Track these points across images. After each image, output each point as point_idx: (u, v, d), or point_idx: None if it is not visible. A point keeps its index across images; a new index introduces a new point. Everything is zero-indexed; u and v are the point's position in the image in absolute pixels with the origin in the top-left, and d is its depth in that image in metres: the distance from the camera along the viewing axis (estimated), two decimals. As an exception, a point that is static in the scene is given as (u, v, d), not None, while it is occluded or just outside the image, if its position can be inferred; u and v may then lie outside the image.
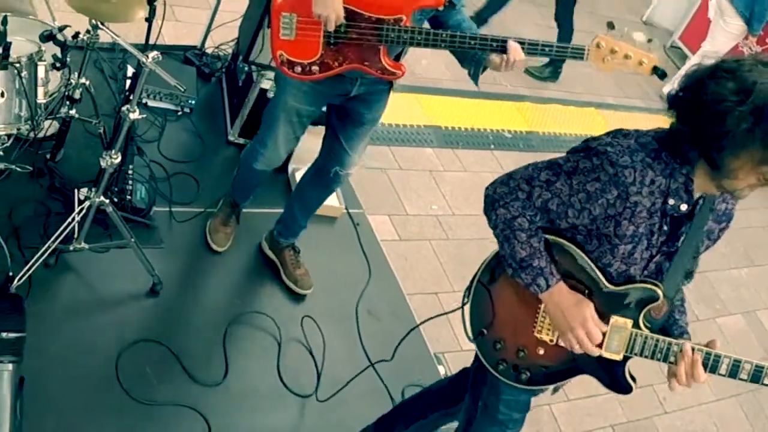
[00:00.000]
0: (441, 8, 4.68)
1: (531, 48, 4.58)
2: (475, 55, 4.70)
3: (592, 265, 3.60)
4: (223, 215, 6.12)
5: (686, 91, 3.25)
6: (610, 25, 4.51)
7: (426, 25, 4.86)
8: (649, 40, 4.35)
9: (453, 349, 6.04)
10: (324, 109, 5.41)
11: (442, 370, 5.93)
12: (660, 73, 4.52)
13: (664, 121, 3.46)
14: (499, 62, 4.59)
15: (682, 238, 3.53)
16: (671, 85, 10.04)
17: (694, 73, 3.23)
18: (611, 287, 3.59)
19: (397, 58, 4.96)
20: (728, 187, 3.27)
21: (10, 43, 4.70)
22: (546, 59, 9.63)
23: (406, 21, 4.63)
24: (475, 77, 4.81)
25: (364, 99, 5.15)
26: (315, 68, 4.85)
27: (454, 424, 4.58)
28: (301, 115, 5.24)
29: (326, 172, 5.53)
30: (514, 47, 4.51)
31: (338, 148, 5.39)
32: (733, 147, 3.07)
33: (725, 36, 10.23)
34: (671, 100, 3.33)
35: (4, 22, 4.74)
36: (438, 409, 4.69)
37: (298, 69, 4.87)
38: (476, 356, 4.10)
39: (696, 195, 3.42)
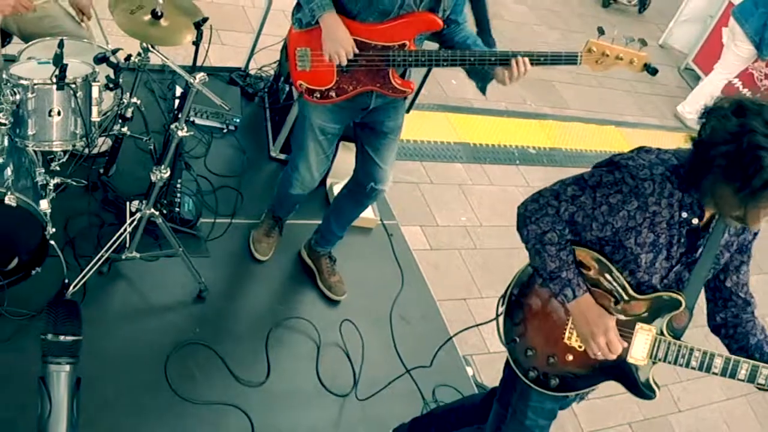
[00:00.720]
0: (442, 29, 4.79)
1: (540, 60, 4.60)
2: (481, 69, 4.74)
3: (619, 275, 3.64)
4: (266, 227, 6.14)
5: (707, 113, 3.30)
6: (600, 31, 4.48)
7: (435, 45, 4.99)
8: (640, 40, 4.35)
9: (481, 352, 6.03)
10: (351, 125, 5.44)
11: (470, 371, 5.91)
12: (651, 70, 4.53)
13: (678, 138, 3.51)
14: (502, 76, 4.63)
15: (700, 250, 3.56)
16: (684, 105, 10.15)
17: (725, 99, 3.30)
18: (637, 296, 3.63)
19: (403, 75, 5.01)
20: (722, 213, 3.41)
21: (67, 64, 4.69)
22: None
23: (410, 46, 4.77)
24: (482, 89, 4.91)
25: (382, 109, 5.20)
26: (332, 93, 4.98)
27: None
28: (326, 133, 5.28)
29: (362, 188, 5.54)
30: (520, 62, 4.54)
31: (370, 163, 5.41)
32: (709, 175, 3.22)
33: (736, 59, 10.21)
34: (707, 110, 3.34)
35: (61, 45, 4.73)
36: (471, 423, 4.67)
37: (317, 95, 5.02)
38: (506, 365, 4.12)
39: (709, 212, 3.48)
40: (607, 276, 3.67)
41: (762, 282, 8.35)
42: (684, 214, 3.44)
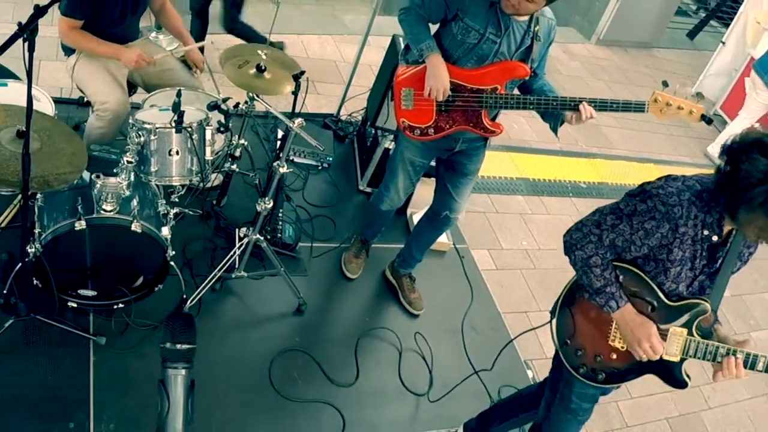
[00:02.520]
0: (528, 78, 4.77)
1: (601, 106, 4.55)
2: (554, 112, 4.68)
3: (654, 286, 3.65)
4: (356, 249, 6.16)
5: (735, 150, 3.30)
6: (665, 84, 4.48)
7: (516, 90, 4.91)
8: (698, 94, 4.34)
9: (539, 357, 5.99)
10: (433, 163, 5.44)
11: (530, 373, 5.87)
12: (707, 120, 4.47)
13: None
14: (570, 118, 4.60)
15: (720, 261, 3.59)
16: (713, 146, 10.08)
17: (745, 137, 3.30)
18: (670, 303, 3.65)
19: (493, 118, 4.94)
20: (741, 231, 3.41)
21: (184, 111, 4.75)
22: None
23: (500, 90, 4.70)
24: (554, 130, 4.81)
25: (465, 153, 5.15)
26: (431, 131, 4.94)
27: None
28: (414, 165, 5.28)
29: (438, 216, 5.51)
30: (585, 106, 4.51)
31: (447, 196, 5.37)
32: (748, 210, 3.21)
33: (757, 106, 10.11)
34: (725, 149, 3.37)
35: (179, 94, 4.84)
36: (528, 410, 4.69)
37: (417, 132, 4.97)
38: (555, 357, 4.16)
39: (726, 229, 3.49)
40: (645, 286, 3.69)
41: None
42: (706, 232, 3.46)
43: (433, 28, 4.80)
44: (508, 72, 4.68)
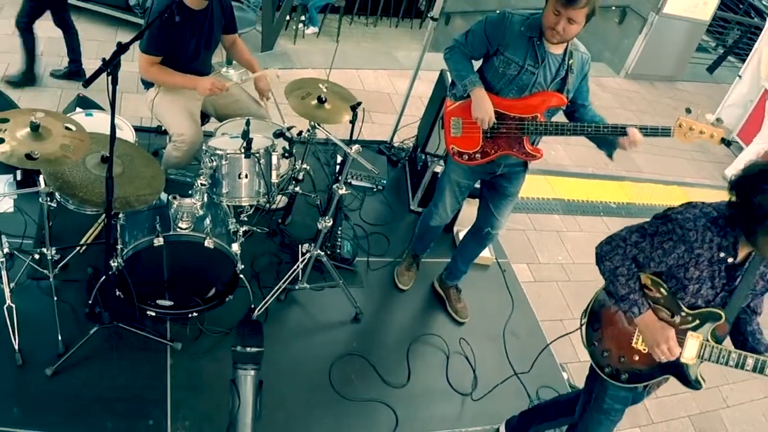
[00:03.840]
0: (565, 107, 4.80)
1: (643, 131, 4.53)
2: (608, 140, 4.68)
3: (673, 297, 3.72)
4: (407, 263, 6.13)
5: (743, 184, 3.43)
6: (688, 110, 4.49)
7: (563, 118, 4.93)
8: (718, 119, 4.30)
9: (573, 361, 5.95)
10: (477, 185, 5.40)
11: (565, 375, 5.84)
12: (726, 143, 4.53)
13: (724, 195, 3.48)
14: (623, 143, 4.58)
15: (738, 279, 3.61)
16: (730, 169, 9.97)
17: (749, 170, 3.45)
18: (688, 311, 3.72)
19: (533, 143, 4.93)
20: (760, 252, 3.47)
21: (252, 138, 4.81)
22: None
23: (540, 118, 4.72)
24: (610, 155, 4.78)
25: (506, 176, 5.13)
26: (478, 156, 4.96)
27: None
28: (461, 186, 5.29)
29: (481, 232, 5.49)
30: (633, 131, 4.52)
31: (489, 214, 5.35)
32: (764, 234, 3.30)
33: (772, 132, 10.05)
34: (732, 184, 3.48)
35: (247, 123, 4.88)
36: (565, 415, 4.68)
37: (466, 157, 4.99)
38: (591, 365, 4.15)
39: (741, 251, 3.53)
40: (665, 295, 3.75)
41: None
42: (722, 254, 3.50)
43: (476, 64, 4.82)
44: (546, 101, 4.69)
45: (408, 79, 7.58)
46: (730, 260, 3.52)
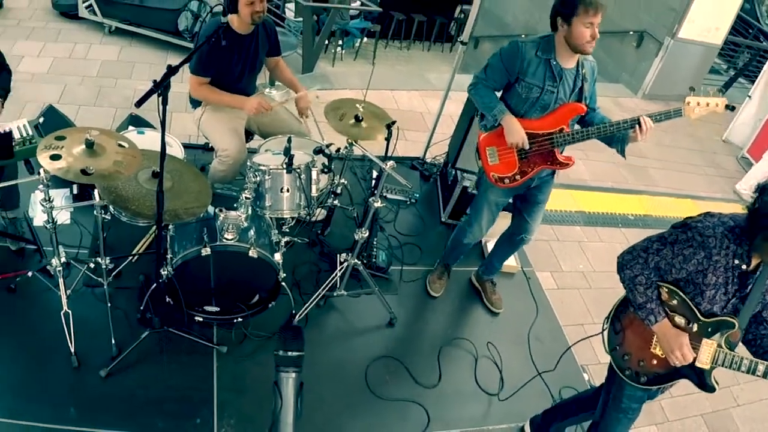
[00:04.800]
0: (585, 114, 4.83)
1: (657, 118, 4.50)
2: (619, 136, 4.65)
3: (690, 304, 3.70)
4: (439, 272, 6.09)
5: (757, 191, 3.44)
6: (691, 89, 4.49)
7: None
8: (719, 89, 4.24)
9: (593, 362, 5.91)
10: (510, 200, 5.41)
11: (585, 376, 5.81)
12: (731, 108, 4.52)
13: (735, 207, 3.50)
14: (635, 135, 4.53)
15: (750, 287, 3.61)
16: (741, 184, 9.87)
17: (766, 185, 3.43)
18: (703, 319, 3.70)
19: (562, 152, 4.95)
20: (763, 258, 3.49)
21: (293, 155, 4.81)
22: None
23: (566, 129, 4.74)
24: (622, 152, 4.74)
25: (538, 186, 5.14)
26: (518, 177, 5.00)
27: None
28: (498, 205, 5.33)
29: (515, 237, 5.49)
30: (644, 119, 4.49)
31: (524, 222, 5.35)
32: (764, 239, 3.35)
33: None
34: (759, 188, 3.46)
35: (289, 141, 4.88)
36: (586, 411, 4.68)
37: (507, 181, 5.03)
38: (610, 366, 4.18)
39: (754, 259, 3.54)
40: (682, 304, 3.73)
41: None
42: (736, 261, 3.50)
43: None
44: (569, 113, 4.71)
45: (439, 99, 7.57)
46: (743, 267, 3.51)
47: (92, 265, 5.02)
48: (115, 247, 5.32)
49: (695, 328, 3.71)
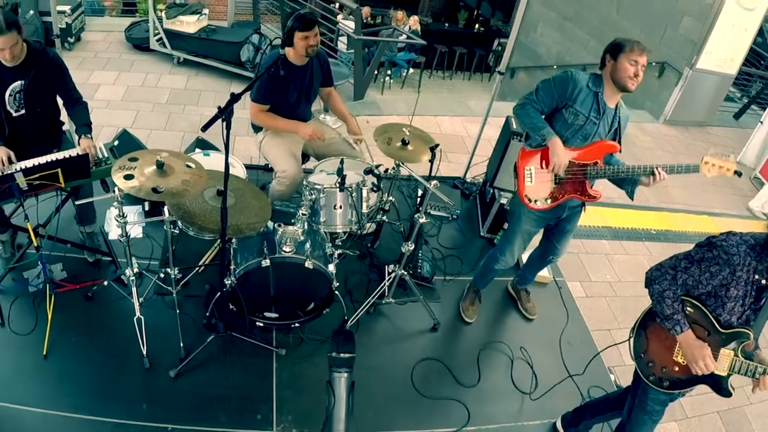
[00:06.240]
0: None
1: (669, 170, 4.44)
2: (632, 178, 4.60)
3: (711, 318, 3.70)
4: (470, 299, 5.93)
5: None
6: (738, 174, 4.41)
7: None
8: (731, 155, 4.18)
9: (619, 365, 5.82)
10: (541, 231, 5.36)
11: (612, 377, 5.72)
12: (738, 174, 4.38)
13: (748, 223, 3.45)
14: (647, 182, 4.52)
15: (764, 300, 3.59)
16: (753, 202, 9.73)
17: None
18: (722, 330, 3.70)
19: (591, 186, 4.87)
20: None
21: (346, 175, 4.85)
22: None
23: (599, 163, 4.68)
24: (631, 194, 4.71)
25: (567, 217, 5.07)
26: (549, 201, 4.87)
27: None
28: (530, 234, 5.21)
29: (545, 257, 5.45)
30: (659, 170, 4.44)
31: (553, 247, 5.28)
32: None
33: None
34: None
35: (342, 162, 4.90)
36: (612, 410, 4.64)
37: (538, 203, 4.88)
38: (635, 372, 4.16)
39: None
40: (704, 316, 3.72)
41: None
42: (756, 276, 3.49)
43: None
44: (605, 149, 4.65)
45: (479, 124, 7.56)
46: (763, 282, 3.49)
47: (162, 275, 5.12)
48: (183, 259, 5.38)
49: (714, 338, 3.70)
